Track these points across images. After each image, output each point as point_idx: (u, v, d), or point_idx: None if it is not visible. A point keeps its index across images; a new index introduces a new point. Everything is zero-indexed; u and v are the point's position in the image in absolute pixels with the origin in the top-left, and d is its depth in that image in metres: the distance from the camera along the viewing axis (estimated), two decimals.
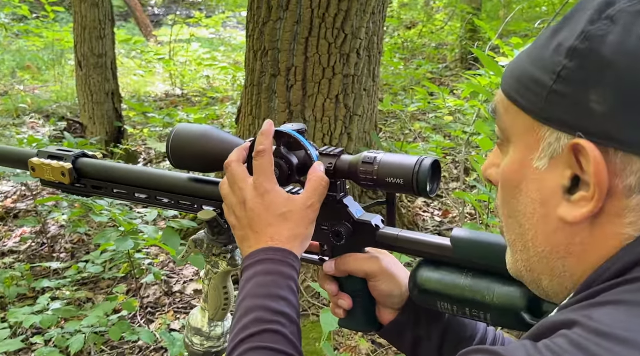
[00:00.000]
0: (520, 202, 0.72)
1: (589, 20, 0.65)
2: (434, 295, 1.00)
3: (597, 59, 0.63)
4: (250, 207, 0.99)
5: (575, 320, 0.59)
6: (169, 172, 1.22)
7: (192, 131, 1.13)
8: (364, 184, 1.00)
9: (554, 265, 0.70)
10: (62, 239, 4.51)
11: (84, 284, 3.92)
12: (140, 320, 3.44)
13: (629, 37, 0.62)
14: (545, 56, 0.68)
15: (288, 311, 0.91)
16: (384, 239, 1.05)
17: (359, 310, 1.11)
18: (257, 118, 3.53)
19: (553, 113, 0.65)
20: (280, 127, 1.06)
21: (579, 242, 0.67)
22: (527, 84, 0.69)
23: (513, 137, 0.72)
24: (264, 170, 1.00)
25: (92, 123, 6.05)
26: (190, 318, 1.22)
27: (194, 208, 1.17)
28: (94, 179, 1.26)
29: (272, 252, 0.96)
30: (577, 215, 0.66)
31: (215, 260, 1.16)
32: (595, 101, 0.62)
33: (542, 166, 0.68)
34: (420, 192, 0.95)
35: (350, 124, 3.48)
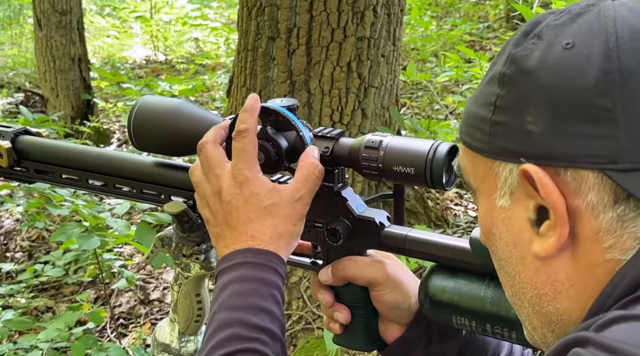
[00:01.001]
0: (498, 249, 0.79)
1: (514, 44, 0.75)
2: (448, 307, 1.00)
3: (524, 78, 0.72)
4: (227, 199, 0.99)
5: (587, 337, 0.63)
6: (131, 154, 1.23)
7: (159, 105, 1.13)
8: (367, 173, 1.00)
9: (548, 311, 0.76)
10: (17, 235, 4.57)
11: (43, 290, 3.97)
12: (110, 334, 3.49)
13: (552, 49, 0.71)
14: (483, 91, 0.77)
15: (270, 327, 0.91)
16: (390, 240, 1.05)
17: (358, 325, 1.12)
18: (252, 90, 3.53)
19: (499, 146, 0.74)
20: (267, 103, 1.06)
21: (565, 278, 0.73)
22: (473, 124, 0.78)
23: (476, 183, 0.80)
24: (244, 153, 1.00)
25: (54, 95, 6.09)
26: (156, 331, 1.23)
27: (160, 199, 1.18)
28: (38, 161, 1.27)
29: (252, 254, 0.96)
30: (547, 246, 0.72)
31: (186, 262, 1.17)
32: (530, 122, 0.70)
33: (505, 204, 0.76)
34: (434, 183, 0.96)
35: (364, 98, 3.48)
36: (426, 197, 3.93)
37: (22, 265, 4.15)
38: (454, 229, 3.92)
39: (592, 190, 0.68)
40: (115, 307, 3.72)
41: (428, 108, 5.69)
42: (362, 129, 3.50)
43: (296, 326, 3.25)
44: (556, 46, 0.71)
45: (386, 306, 1.09)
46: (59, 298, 3.88)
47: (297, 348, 3.18)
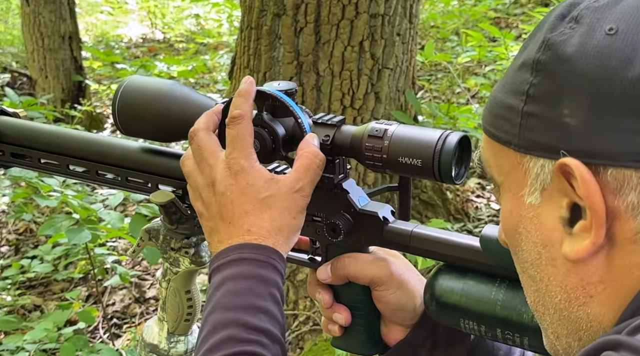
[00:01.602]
0: (524, 250, 0.79)
1: (550, 28, 0.73)
2: (456, 310, 1.01)
3: (562, 66, 0.71)
4: (221, 190, 1.00)
5: (619, 340, 0.64)
6: (116, 139, 1.23)
7: (147, 86, 1.14)
8: (370, 164, 1.00)
9: (577, 317, 0.76)
10: (3, 228, 4.62)
11: (31, 287, 4.02)
12: (102, 334, 3.53)
13: (593, 35, 0.69)
14: (513, 78, 0.76)
15: (269, 328, 0.92)
16: (394, 236, 1.06)
17: (358, 327, 1.12)
18: (256, 71, 3.54)
19: (531, 139, 0.73)
20: (263, 86, 1.07)
21: (598, 281, 0.73)
22: (501, 114, 0.77)
23: (501, 178, 0.80)
24: (239, 141, 1.00)
25: (43, 76, 6.13)
26: (144, 331, 1.25)
27: (147, 188, 1.19)
28: (15, 144, 1.27)
29: (249, 250, 0.96)
30: (580, 249, 0.71)
31: (175, 256, 1.19)
32: (568, 114, 0.70)
33: (535, 201, 0.75)
34: (442, 177, 0.96)
35: (378, 80, 3.48)
36: (445, 188, 3.93)
37: (8, 259, 4.20)
38: (475, 223, 3.93)
39: (634, 190, 0.68)
40: (109, 306, 3.75)
41: (448, 92, 5.68)
42: (375, 114, 3.50)
43: (303, 328, 3.28)
44: (597, 32, 0.69)
45: (389, 307, 1.10)
46: (47, 296, 3.92)
47: (303, 351, 3.21)
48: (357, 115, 3.47)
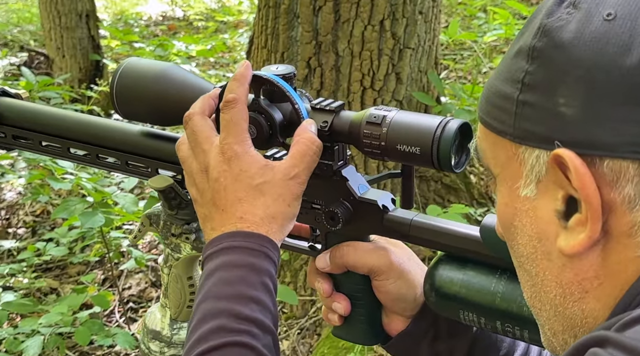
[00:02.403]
0: (519, 244, 0.79)
1: (547, 13, 0.72)
2: (455, 301, 1.01)
3: (558, 53, 0.70)
4: (214, 176, 1.00)
5: (607, 336, 0.64)
6: (116, 122, 1.25)
7: (145, 69, 1.15)
8: (369, 152, 1.01)
9: (572, 314, 0.76)
10: (20, 209, 4.68)
11: (48, 269, 4.08)
12: (118, 318, 3.58)
13: (591, 20, 0.68)
14: (509, 65, 0.75)
15: (260, 318, 0.92)
16: (394, 224, 1.06)
17: (359, 316, 1.14)
18: (273, 51, 3.55)
19: (526, 129, 0.72)
20: (260, 71, 1.07)
21: (594, 276, 0.73)
22: (496, 102, 0.76)
23: (497, 170, 0.79)
24: (233, 126, 1.00)
25: (60, 55, 6.17)
26: (146, 317, 1.27)
27: (147, 172, 1.21)
28: (16, 126, 1.30)
29: (241, 237, 0.97)
30: (575, 243, 0.71)
31: (176, 242, 1.21)
32: (563, 104, 0.69)
33: (530, 193, 0.75)
34: (441, 165, 0.96)
35: (399, 60, 3.47)
36: (468, 172, 3.92)
37: (25, 242, 4.26)
38: None
39: (631, 182, 0.67)
40: (125, 290, 3.80)
41: (475, 71, 5.64)
42: (396, 96, 3.50)
43: (320, 314, 3.30)
44: (595, 17, 0.68)
45: (389, 297, 1.10)
46: (64, 279, 3.98)
47: (321, 338, 3.23)
48: (378, 96, 3.46)
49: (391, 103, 3.49)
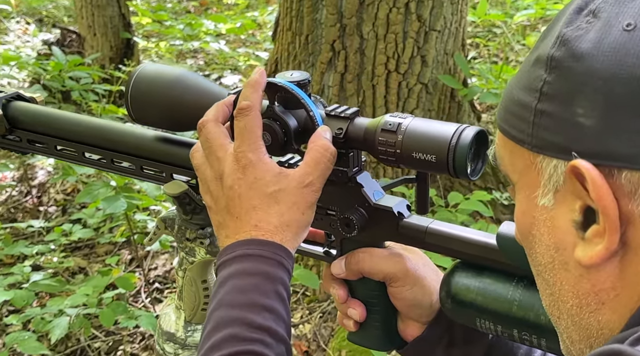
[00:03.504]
0: (537, 253, 0.78)
1: (566, 22, 0.71)
2: (472, 308, 1.00)
3: (576, 64, 0.69)
4: (229, 184, 1.00)
5: (620, 350, 0.63)
6: (131, 126, 1.24)
7: (159, 75, 1.15)
8: (384, 159, 1.00)
9: (588, 324, 0.75)
10: (51, 187, 4.72)
11: (77, 248, 4.11)
12: (144, 298, 3.60)
13: (610, 30, 0.67)
14: (527, 73, 0.75)
15: (274, 327, 0.92)
16: (409, 231, 1.05)
17: (374, 322, 1.13)
18: (298, 34, 3.52)
19: (544, 138, 0.72)
20: (274, 77, 1.06)
21: (610, 288, 0.72)
22: (514, 111, 0.76)
23: (515, 177, 0.79)
24: (247, 134, 1.00)
25: (91, 33, 6.17)
26: (161, 318, 1.27)
27: (161, 177, 1.20)
28: (31, 131, 1.29)
29: (255, 245, 0.97)
30: (593, 254, 0.70)
31: (191, 246, 1.20)
32: (582, 114, 0.68)
33: (548, 203, 0.74)
34: (457, 173, 0.95)
35: (425, 43, 3.43)
36: None
37: (55, 220, 4.30)
38: None
39: None
40: (151, 270, 3.82)
41: (507, 49, 5.56)
42: (421, 79, 3.46)
43: None
44: (615, 27, 0.68)
45: (405, 304, 1.10)
46: (92, 258, 4.02)
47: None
48: (402, 79, 3.43)
49: (416, 86, 3.46)
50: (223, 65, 6.29)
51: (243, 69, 6.11)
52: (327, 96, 3.49)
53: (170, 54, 6.37)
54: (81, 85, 5.08)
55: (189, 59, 6.63)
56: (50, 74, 5.07)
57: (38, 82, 5.32)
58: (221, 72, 6.17)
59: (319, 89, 3.50)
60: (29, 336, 2.96)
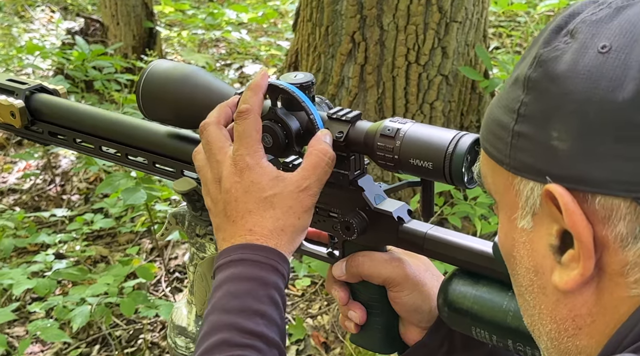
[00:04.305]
0: (518, 274, 0.78)
1: (544, 42, 0.71)
2: (468, 317, 1.00)
3: (552, 85, 0.68)
4: (226, 187, 1.01)
5: None
6: (145, 122, 1.25)
7: (169, 73, 1.16)
8: (382, 164, 1.00)
9: (566, 348, 0.74)
10: (74, 176, 4.77)
11: (99, 237, 4.16)
12: (165, 288, 3.64)
13: (586, 52, 0.67)
14: (507, 93, 0.74)
15: (266, 332, 0.93)
16: (409, 236, 1.06)
17: (375, 325, 1.14)
18: (318, 25, 3.52)
19: (521, 160, 0.71)
20: (277, 79, 1.07)
21: (586, 313, 0.71)
22: (494, 130, 0.75)
23: (497, 196, 0.78)
24: (245, 137, 1.00)
25: (114, 22, 6.20)
26: (173, 313, 1.29)
27: (172, 173, 1.22)
28: (51, 123, 1.32)
29: (250, 250, 0.97)
30: (569, 280, 0.70)
31: (201, 242, 1.22)
32: (556, 138, 0.67)
33: (527, 225, 0.73)
34: (454, 180, 0.95)
35: (445, 34, 3.42)
36: None
37: (78, 209, 4.34)
38: None
39: (623, 220, 0.66)
40: (171, 260, 3.85)
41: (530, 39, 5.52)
42: (441, 70, 3.45)
43: None
44: (590, 49, 0.67)
45: (404, 308, 1.10)
46: (114, 247, 4.06)
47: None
48: (423, 71, 3.42)
49: (436, 78, 3.45)
50: (244, 54, 6.31)
51: (264, 59, 6.12)
52: (346, 87, 3.49)
53: (192, 43, 6.39)
54: (104, 74, 5.11)
55: (210, 48, 6.65)
56: (74, 63, 5.11)
57: (61, 72, 5.37)
58: (242, 61, 6.18)
59: (339, 81, 3.50)
60: (51, 324, 3.00)
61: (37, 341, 3.35)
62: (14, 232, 3.93)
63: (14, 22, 7.71)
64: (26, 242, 3.82)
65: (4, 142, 5.19)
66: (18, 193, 4.69)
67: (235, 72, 5.97)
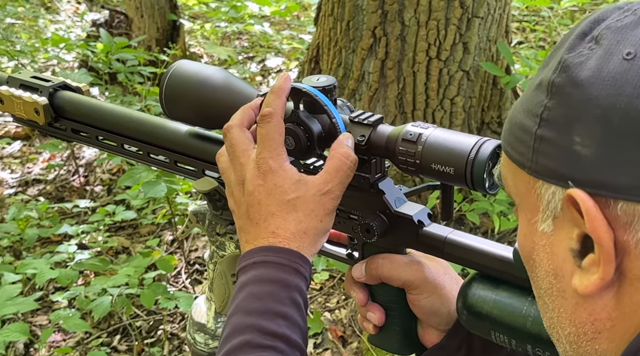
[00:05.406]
0: (538, 277, 0.78)
1: (569, 47, 0.70)
2: (487, 321, 1.00)
3: (576, 91, 0.68)
4: (250, 190, 1.01)
5: None
6: (168, 121, 1.26)
7: (192, 73, 1.17)
8: (404, 168, 1.00)
9: (585, 352, 0.75)
10: (98, 167, 4.81)
11: (121, 228, 4.20)
12: (185, 279, 3.67)
13: (610, 59, 0.66)
14: (530, 97, 0.74)
15: (288, 333, 0.93)
16: (429, 240, 1.06)
17: (394, 327, 1.14)
18: (339, 20, 3.52)
19: (543, 164, 0.71)
20: (299, 83, 1.07)
21: (606, 318, 0.71)
22: (516, 133, 0.75)
23: (517, 199, 0.78)
24: (268, 141, 1.01)
25: (138, 15, 6.22)
26: (193, 308, 1.30)
27: (193, 173, 1.23)
28: (74, 121, 1.33)
29: (273, 253, 0.98)
30: (589, 284, 0.70)
31: (221, 240, 1.23)
32: (579, 143, 0.67)
33: (547, 229, 0.74)
34: (475, 186, 0.96)
35: (467, 30, 3.41)
36: None
37: (101, 200, 4.38)
38: None
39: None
40: (191, 252, 3.88)
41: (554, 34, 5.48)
42: (462, 66, 3.44)
43: None
44: (615, 55, 0.67)
45: (423, 311, 1.11)
46: (135, 238, 4.09)
47: None
48: (444, 66, 3.42)
49: (457, 73, 3.44)
50: (266, 47, 6.32)
51: (286, 52, 6.13)
52: (367, 82, 3.49)
53: (215, 36, 6.41)
54: (127, 67, 5.14)
55: (233, 41, 6.67)
56: (98, 56, 5.15)
57: (86, 64, 5.41)
58: (264, 54, 6.20)
59: (360, 75, 3.51)
60: (73, 313, 3.04)
61: (59, 330, 3.39)
62: (38, 222, 3.98)
63: (40, 14, 7.76)
64: (50, 232, 3.87)
65: (30, 133, 5.25)
66: (42, 183, 4.75)
67: (257, 65, 5.99)
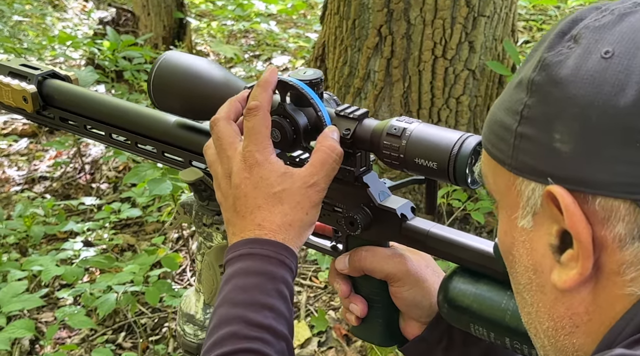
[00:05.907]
0: (517, 272, 0.79)
1: (548, 46, 0.72)
2: (467, 314, 1.02)
3: (555, 89, 0.70)
4: (236, 183, 1.03)
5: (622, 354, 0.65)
6: (156, 111, 1.27)
7: (180, 65, 1.18)
8: (388, 162, 1.02)
9: (563, 346, 0.76)
10: (104, 164, 4.84)
11: (126, 226, 4.22)
12: (189, 277, 3.69)
13: (589, 57, 0.68)
14: (510, 95, 0.76)
15: (274, 325, 0.95)
16: (411, 234, 1.07)
17: (376, 319, 1.16)
18: (345, 18, 3.54)
19: (523, 161, 0.73)
20: (286, 76, 1.08)
21: (584, 312, 0.73)
22: (496, 131, 0.76)
23: (497, 196, 0.80)
24: (255, 134, 1.02)
25: (145, 13, 6.26)
26: (182, 300, 1.32)
27: (182, 163, 1.24)
28: (62, 109, 1.35)
29: (259, 245, 0.99)
30: (567, 279, 0.71)
31: (208, 231, 1.24)
32: (559, 140, 0.69)
33: (527, 225, 0.75)
34: (457, 181, 0.97)
35: (473, 29, 3.41)
36: None
37: (107, 198, 4.41)
38: None
39: (622, 221, 0.68)
40: None
41: None
42: (468, 65, 3.45)
43: None
44: (594, 54, 0.68)
45: (404, 303, 1.12)
46: (141, 236, 4.12)
47: None
48: (449, 65, 3.42)
49: (463, 72, 3.45)
50: (273, 46, 6.34)
51: (293, 50, 6.14)
52: (372, 81, 3.50)
53: (221, 34, 6.43)
54: (134, 65, 5.17)
55: (239, 39, 6.69)
56: (104, 54, 5.19)
57: (92, 62, 5.45)
58: (270, 53, 6.21)
59: (365, 74, 3.52)
60: (78, 310, 3.06)
61: (64, 327, 3.42)
62: (44, 219, 4.02)
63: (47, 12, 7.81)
64: (55, 230, 3.90)
65: (36, 130, 5.29)
66: (49, 180, 4.78)
67: (264, 64, 6.01)
